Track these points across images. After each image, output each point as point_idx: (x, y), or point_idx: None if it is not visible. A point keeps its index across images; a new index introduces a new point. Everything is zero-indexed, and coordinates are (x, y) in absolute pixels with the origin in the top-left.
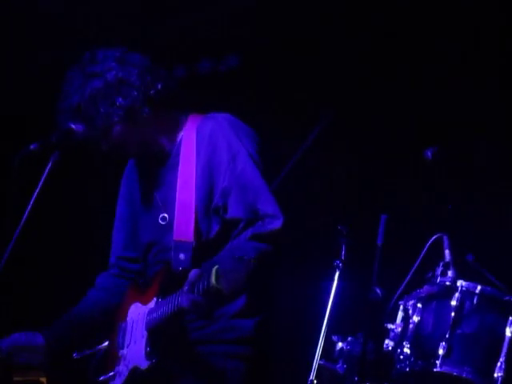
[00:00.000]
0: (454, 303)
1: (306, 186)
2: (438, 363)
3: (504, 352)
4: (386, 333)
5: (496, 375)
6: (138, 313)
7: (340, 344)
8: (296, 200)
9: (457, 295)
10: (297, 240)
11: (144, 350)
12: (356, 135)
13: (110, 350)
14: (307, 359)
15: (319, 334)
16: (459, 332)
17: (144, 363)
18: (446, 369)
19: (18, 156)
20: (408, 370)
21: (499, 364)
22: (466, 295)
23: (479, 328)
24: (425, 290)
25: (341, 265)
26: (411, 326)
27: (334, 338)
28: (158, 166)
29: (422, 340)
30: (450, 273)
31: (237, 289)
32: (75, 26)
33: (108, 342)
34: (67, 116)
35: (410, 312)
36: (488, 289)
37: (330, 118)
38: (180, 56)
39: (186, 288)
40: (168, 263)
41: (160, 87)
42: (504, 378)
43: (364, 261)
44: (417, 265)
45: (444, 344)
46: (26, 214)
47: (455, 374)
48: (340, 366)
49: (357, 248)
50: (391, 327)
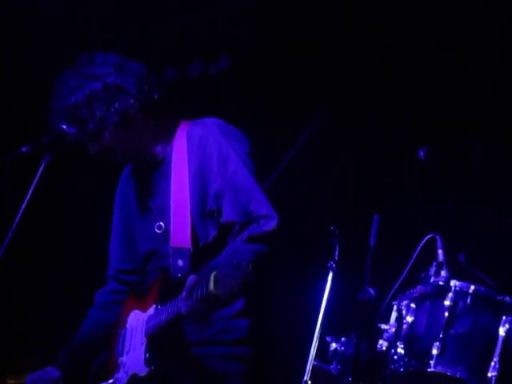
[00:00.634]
0: (448, 303)
1: (299, 187)
2: (432, 363)
3: (497, 352)
4: (380, 333)
5: (490, 375)
6: (137, 320)
7: (334, 344)
8: (289, 200)
9: (450, 295)
10: (290, 241)
11: (143, 357)
12: (349, 135)
13: (110, 358)
14: (301, 360)
15: (313, 335)
16: (453, 332)
17: (143, 370)
18: (440, 369)
19: (10, 158)
20: (402, 370)
21: (493, 364)
22: (460, 295)
23: (473, 328)
24: (418, 290)
25: (334, 265)
26: (405, 326)
27: (328, 339)
28: (152, 174)
29: (416, 340)
30: (444, 273)
31: (234, 294)
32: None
33: (108, 350)
34: (60, 117)
35: (404, 312)
36: (481, 288)
37: (323, 118)
38: (171, 58)
39: (185, 294)
40: (166, 270)
41: (155, 97)
42: (497, 378)
43: (357, 261)
44: (410, 265)
45: (438, 344)
46: (19, 216)
47: (449, 374)
48: (334, 367)
49: (350, 248)
50: (385, 327)
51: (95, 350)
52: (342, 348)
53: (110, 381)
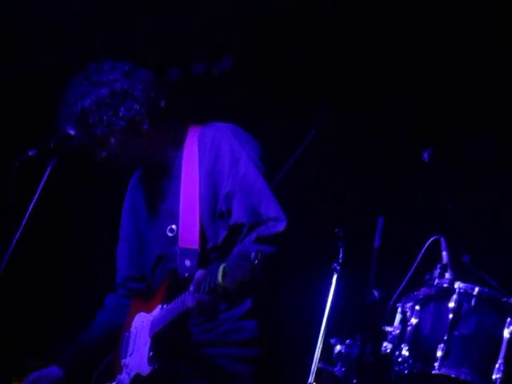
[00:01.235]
0: (452, 305)
1: (303, 189)
2: (437, 365)
3: (502, 353)
4: (384, 335)
5: (494, 377)
6: (142, 321)
7: (338, 347)
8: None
9: (454, 297)
10: (295, 243)
11: (147, 356)
12: (353, 137)
13: (114, 360)
14: (306, 362)
15: (317, 337)
16: (457, 334)
17: (146, 369)
18: (445, 371)
19: (17, 161)
20: (406, 372)
21: (497, 365)
22: (464, 297)
23: (477, 329)
24: (422, 292)
25: (338, 267)
26: (409, 328)
27: (333, 341)
28: (162, 179)
29: (420, 342)
30: (448, 275)
31: (242, 286)
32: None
33: (113, 353)
34: (67, 122)
35: (408, 314)
36: (486, 290)
37: (327, 120)
38: (174, 58)
39: (193, 288)
40: (174, 271)
41: (162, 104)
42: (502, 380)
43: (362, 263)
44: (414, 267)
45: (442, 346)
46: (25, 220)
47: (453, 376)
48: (338, 369)
49: (354, 250)
50: (389, 329)
51: (101, 353)
52: (347, 350)
53: (113, 383)
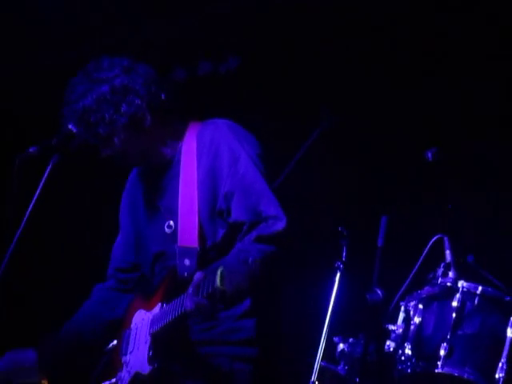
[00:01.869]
0: (455, 304)
1: (307, 188)
2: (440, 364)
3: (505, 353)
4: (387, 334)
5: (497, 376)
6: (142, 319)
7: (341, 345)
8: (296, 201)
9: (458, 296)
10: (297, 241)
11: (147, 355)
12: (356, 136)
13: (114, 357)
14: (308, 360)
15: (320, 336)
16: (460, 333)
17: (146, 368)
18: (448, 370)
19: (18, 159)
20: (409, 371)
21: (500, 365)
22: (467, 296)
23: (480, 329)
24: (426, 291)
25: (341, 266)
26: (412, 327)
27: (335, 340)
28: (160, 176)
29: (424, 341)
30: (451, 274)
31: (241, 290)
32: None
33: (113, 350)
34: (69, 120)
35: (411, 313)
36: (489, 289)
37: (331, 120)
38: (180, 58)
39: (191, 290)
40: (173, 269)
41: (163, 97)
42: (505, 379)
43: (365, 262)
44: (418, 266)
45: (445, 345)
46: (26, 218)
47: (456, 375)
48: (341, 368)
49: (357, 249)
50: (392, 328)
51: (82, 343)
52: (350, 349)
53: (113, 380)
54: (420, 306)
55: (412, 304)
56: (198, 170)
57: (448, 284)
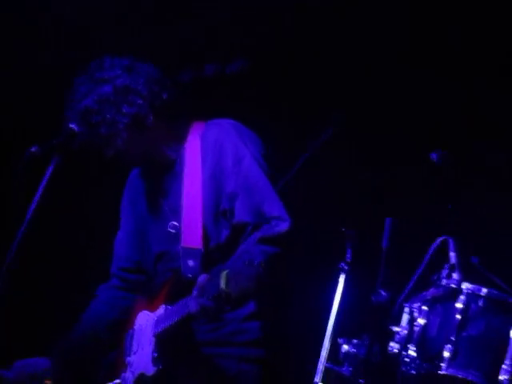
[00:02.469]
0: (460, 306)
1: (312, 189)
2: (444, 366)
3: (510, 355)
4: (392, 335)
5: (501, 378)
6: (146, 320)
7: (345, 346)
8: (302, 202)
9: (462, 298)
10: (302, 243)
11: (151, 356)
12: (362, 138)
13: (118, 358)
14: (313, 362)
15: (325, 337)
16: (465, 335)
17: (150, 369)
18: (452, 371)
19: (21, 158)
20: (413, 373)
21: (505, 367)
22: (472, 298)
23: (485, 331)
24: (430, 293)
25: (346, 267)
26: (417, 329)
27: (340, 341)
28: (164, 175)
29: (428, 343)
30: (456, 275)
31: (246, 293)
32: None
33: (117, 350)
34: (72, 120)
35: (416, 314)
36: (493, 291)
37: (337, 122)
38: (186, 60)
39: (196, 293)
40: (177, 271)
41: (166, 97)
42: (510, 381)
43: (369, 263)
44: (422, 267)
45: (450, 347)
46: (28, 217)
47: (461, 377)
48: (345, 369)
49: (362, 251)
50: (397, 330)
51: (94, 346)
52: (354, 350)
53: (117, 381)
54: (424, 308)
55: (416, 305)
56: (203, 170)
57: (452, 286)
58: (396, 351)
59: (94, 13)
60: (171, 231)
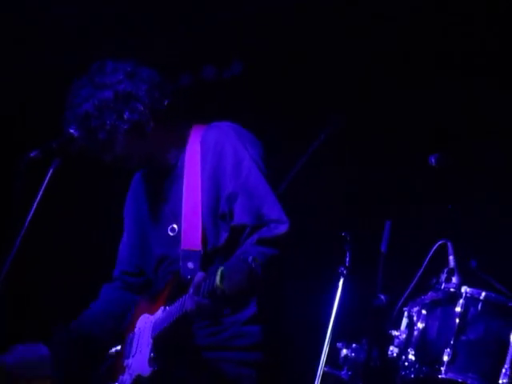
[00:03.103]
0: (459, 309)
1: (311, 192)
2: (443, 370)
3: (509, 358)
4: (391, 339)
5: (501, 382)
6: (145, 322)
7: (344, 351)
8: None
9: (461, 301)
10: (301, 246)
11: (148, 357)
12: (360, 141)
13: (117, 361)
14: (312, 366)
15: (324, 341)
16: (464, 338)
17: (147, 370)
18: (451, 375)
19: (20, 162)
20: (413, 377)
21: (504, 370)
22: (471, 301)
23: (484, 334)
24: (429, 297)
25: (345, 271)
26: (416, 333)
27: (339, 345)
28: (164, 179)
29: (427, 346)
30: (455, 279)
31: (241, 289)
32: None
33: (116, 354)
34: (71, 124)
35: (415, 318)
36: (492, 295)
37: (335, 124)
38: (184, 63)
39: (192, 290)
40: (177, 273)
41: (167, 104)
42: None
43: (368, 267)
44: (421, 271)
45: (449, 350)
46: (28, 221)
47: (460, 381)
48: (345, 373)
49: (361, 254)
50: (396, 334)
51: (93, 343)
52: (353, 354)
53: (115, 383)
54: (423, 312)
55: (415, 309)
56: (202, 173)
57: (451, 289)
58: (395, 355)
59: (94, 14)
60: (171, 234)
